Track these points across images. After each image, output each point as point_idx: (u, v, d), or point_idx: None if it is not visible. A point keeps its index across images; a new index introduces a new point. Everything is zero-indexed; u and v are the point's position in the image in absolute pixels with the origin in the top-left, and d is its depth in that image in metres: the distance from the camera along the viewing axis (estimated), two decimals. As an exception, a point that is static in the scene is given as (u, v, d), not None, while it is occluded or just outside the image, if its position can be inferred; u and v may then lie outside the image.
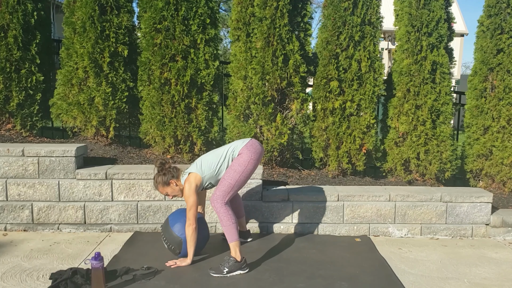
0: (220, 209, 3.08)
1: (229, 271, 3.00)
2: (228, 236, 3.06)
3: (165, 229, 3.27)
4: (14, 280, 2.90)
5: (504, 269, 3.29)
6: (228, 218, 3.06)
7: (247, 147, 3.18)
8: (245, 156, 3.15)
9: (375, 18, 4.44)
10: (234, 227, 3.06)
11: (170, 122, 4.36)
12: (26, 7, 4.44)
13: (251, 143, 3.22)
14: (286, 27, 4.28)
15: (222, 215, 3.07)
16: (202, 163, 3.19)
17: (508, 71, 4.47)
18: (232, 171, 3.13)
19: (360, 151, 4.47)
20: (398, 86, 4.53)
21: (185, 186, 3.11)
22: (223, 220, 3.06)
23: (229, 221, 3.05)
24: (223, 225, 3.06)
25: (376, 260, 3.38)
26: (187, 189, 3.09)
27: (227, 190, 3.11)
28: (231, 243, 3.06)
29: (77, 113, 4.48)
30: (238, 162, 3.15)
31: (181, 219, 3.23)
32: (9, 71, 4.42)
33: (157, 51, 4.32)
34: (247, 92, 4.40)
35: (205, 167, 3.17)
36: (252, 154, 3.16)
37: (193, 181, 3.11)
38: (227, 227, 3.05)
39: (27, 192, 3.85)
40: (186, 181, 3.13)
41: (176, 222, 3.24)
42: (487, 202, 3.97)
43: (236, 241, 3.06)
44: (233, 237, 3.05)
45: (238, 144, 3.23)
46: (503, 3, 4.46)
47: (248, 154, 3.15)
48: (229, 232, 3.05)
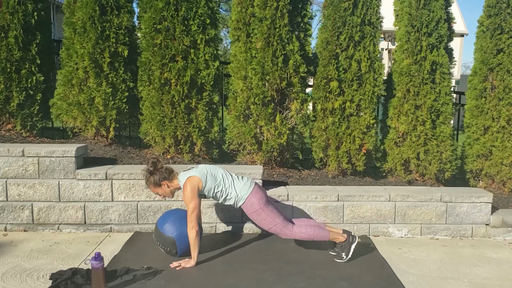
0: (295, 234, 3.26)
1: (347, 253, 3.25)
2: (322, 238, 3.27)
3: (156, 234, 3.29)
4: (14, 280, 2.90)
5: (504, 269, 3.30)
6: (307, 232, 3.25)
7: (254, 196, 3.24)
8: (255, 205, 3.23)
9: (375, 18, 4.44)
10: (318, 230, 3.25)
11: (170, 122, 4.37)
12: (27, 7, 4.44)
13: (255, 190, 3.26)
14: (286, 27, 4.28)
15: (300, 235, 3.25)
16: (208, 173, 3.20)
17: (508, 71, 4.47)
18: (263, 221, 3.25)
19: (360, 151, 4.47)
20: (398, 86, 4.53)
21: (186, 187, 3.10)
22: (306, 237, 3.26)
23: (310, 233, 3.25)
24: (312, 239, 3.25)
25: (376, 260, 3.38)
26: (189, 191, 3.08)
27: (279, 227, 3.24)
28: (328, 239, 3.28)
29: (77, 113, 4.48)
30: (256, 213, 3.24)
31: (168, 219, 3.26)
32: (10, 71, 4.43)
33: (157, 51, 4.33)
34: (247, 92, 4.41)
35: (209, 178, 3.19)
36: (260, 200, 3.24)
37: (196, 184, 3.11)
38: (314, 236, 3.25)
39: (27, 192, 3.85)
40: (188, 183, 3.11)
41: (164, 224, 3.25)
42: (487, 202, 3.98)
43: (329, 234, 3.27)
44: (325, 236, 3.27)
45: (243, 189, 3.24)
46: (503, 3, 4.46)
47: (256, 202, 3.23)
48: (319, 236, 3.26)
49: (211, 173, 3.21)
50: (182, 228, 3.18)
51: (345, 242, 3.27)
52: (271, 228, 3.26)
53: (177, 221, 3.23)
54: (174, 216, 3.28)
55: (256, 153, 4.53)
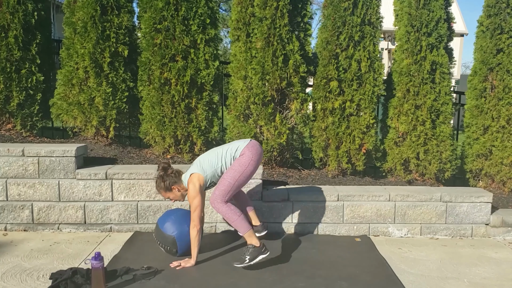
0: (221, 208, 3.08)
1: (251, 259, 3.02)
2: (240, 229, 3.07)
3: (157, 233, 3.29)
4: (14, 280, 2.90)
5: (504, 268, 3.30)
6: (233, 213, 3.05)
7: (249, 148, 3.18)
8: (246, 157, 3.15)
9: (375, 18, 4.45)
10: (242, 219, 3.06)
11: (170, 122, 4.37)
12: (27, 7, 4.44)
13: (252, 144, 3.22)
14: (286, 27, 4.28)
15: (225, 213, 3.07)
16: (203, 162, 3.19)
17: (507, 71, 4.48)
18: (232, 171, 3.13)
19: (359, 151, 4.47)
20: (398, 86, 4.53)
21: (189, 187, 3.10)
22: (229, 218, 3.06)
23: (234, 215, 3.05)
24: (231, 221, 3.06)
25: (376, 260, 3.38)
26: (192, 190, 3.08)
27: (226, 189, 3.10)
28: (244, 234, 3.06)
29: (77, 113, 4.48)
30: (239, 162, 3.15)
31: (169, 218, 3.26)
32: (10, 71, 4.43)
33: (157, 51, 4.33)
34: (247, 92, 4.41)
35: (206, 166, 3.17)
36: (253, 155, 3.17)
37: (197, 182, 3.10)
38: (235, 221, 3.05)
39: (27, 192, 3.85)
40: (189, 183, 3.11)
41: (165, 222, 3.26)
42: (487, 202, 3.98)
43: (249, 230, 3.06)
44: (244, 228, 3.06)
45: (240, 144, 3.23)
46: (502, 3, 4.46)
47: (249, 155, 3.16)
48: (239, 225, 3.05)
49: (206, 160, 3.19)
50: (183, 228, 3.18)
51: (256, 248, 3.04)
52: (225, 179, 3.10)
53: (178, 220, 3.24)
54: (175, 215, 3.28)
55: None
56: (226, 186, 3.10)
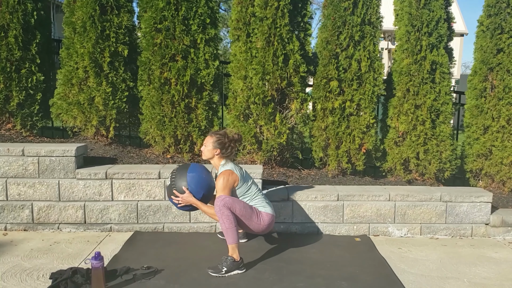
0: (223, 210, 3.10)
1: (227, 271, 3.02)
2: (229, 238, 3.08)
3: (181, 169, 3.28)
4: (14, 280, 2.90)
5: (503, 268, 3.30)
6: (229, 221, 3.09)
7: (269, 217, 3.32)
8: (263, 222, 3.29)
9: (375, 18, 4.44)
10: (235, 229, 3.10)
11: (170, 121, 4.37)
12: (26, 7, 4.44)
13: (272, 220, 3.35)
14: (287, 27, 4.28)
15: (224, 216, 3.08)
16: (244, 182, 3.28)
17: (508, 71, 4.48)
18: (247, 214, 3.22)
19: (359, 150, 4.47)
20: (398, 86, 4.53)
21: (223, 177, 3.17)
22: (224, 222, 3.08)
23: (230, 224, 3.09)
24: (225, 227, 3.08)
25: (376, 259, 3.38)
26: (224, 181, 3.16)
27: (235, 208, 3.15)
28: (231, 244, 3.07)
29: (77, 112, 4.48)
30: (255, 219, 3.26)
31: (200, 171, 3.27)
32: (10, 71, 4.43)
33: (157, 50, 4.33)
34: (247, 92, 4.41)
35: (242, 187, 3.27)
36: (267, 226, 3.32)
37: (232, 181, 3.20)
38: (228, 229, 3.07)
39: (27, 192, 3.85)
40: (226, 174, 3.18)
41: (193, 172, 3.25)
42: (487, 201, 3.98)
43: (236, 243, 3.08)
44: (234, 239, 3.08)
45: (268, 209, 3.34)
46: (503, 3, 4.46)
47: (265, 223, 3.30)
48: (230, 234, 3.08)
49: (247, 183, 3.30)
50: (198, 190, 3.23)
51: (235, 262, 3.06)
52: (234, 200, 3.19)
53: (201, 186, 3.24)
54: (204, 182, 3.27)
55: (256, 153, 4.53)
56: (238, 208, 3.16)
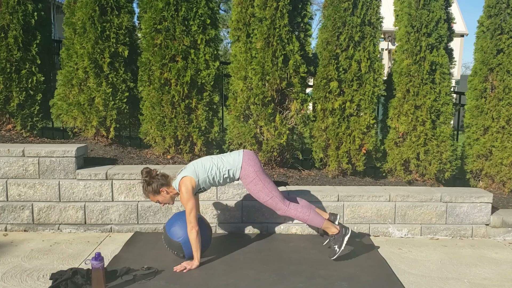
0: (290, 212, 3.12)
1: (340, 245, 3.12)
2: (315, 223, 3.14)
3: (164, 237, 3.27)
4: (15, 280, 2.90)
5: (504, 269, 3.30)
6: (303, 213, 3.09)
7: (247, 163, 3.20)
8: (251, 173, 3.19)
9: (375, 19, 4.45)
10: (313, 215, 3.11)
11: (170, 122, 4.37)
12: (27, 7, 4.44)
13: (248, 157, 3.22)
14: (286, 28, 4.28)
15: (295, 214, 3.10)
16: (197, 166, 3.18)
17: (508, 71, 4.48)
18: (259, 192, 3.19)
19: (359, 151, 4.47)
20: (398, 87, 4.53)
21: (181, 190, 3.09)
22: (301, 218, 3.10)
23: (305, 215, 3.09)
24: (305, 220, 3.11)
25: (376, 260, 3.38)
26: (184, 192, 3.07)
27: (275, 200, 3.12)
28: (322, 226, 3.15)
29: (77, 113, 4.48)
30: (252, 183, 3.19)
31: (176, 223, 3.22)
32: (10, 71, 4.43)
33: (157, 51, 4.33)
34: (247, 92, 4.41)
35: (199, 170, 3.17)
36: (254, 167, 3.21)
37: (189, 184, 3.10)
38: (308, 219, 3.10)
39: (27, 193, 3.85)
40: (182, 185, 3.10)
41: (171, 228, 3.22)
42: (487, 202, 3.98)
43: (324, 221, 3.14)
44: (319, 221, 3.13)
45: (236, 160, 3.22)
46: (503, 3, 4.46)
47: (251, 169, 3.19)
48: (314, 220, 3.12)
49: (199, 165, 3.19)
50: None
51: (338, 234, 3.14)
52: (267, 200, 3.17)
53: (184, 225, 3.17)
54: (181, 220, 3.22)
55: (256, 153, 4.53)
56: (273, 201, 3.13)
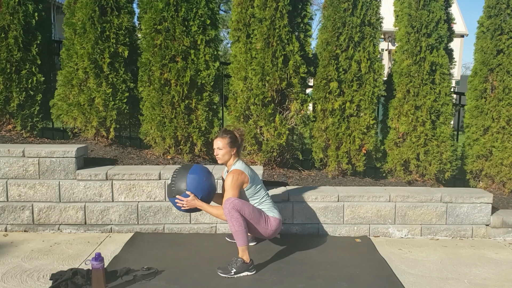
0: (232, 213, 3.10)
1: (236, 272, 3.02)
2: (238, 240, 3.09)
3: (182, 170, 3.20)
4: (15, 281, 2.90)
5: (504, 269, 3.30)
6: (239, 224, 3.09)
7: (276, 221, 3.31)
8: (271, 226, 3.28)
9: (375, 19, 4.45)
10: (244, 232, 3.10)
11: (170, 122, 4.37)
12: (27, 8, 4.44)
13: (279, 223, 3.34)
14: (286, 28, 4.28)
15: (233, 219, 3.09)
16: (252, 184, 3.26)
17: (508, 72, 4.48)
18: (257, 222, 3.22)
19: (359, 151, 4.47)
20: (398, 87, 4.53)
21: (233, 175, 3.15)
22: (234, 225, 3.09)
23: (240, 226, 3.09)
24: (234, 229, 3.09)
25: (376, 260, 3.38)
26: (234, 180, 3.14)
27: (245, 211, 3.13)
28: (241, 246, 3.08)
29: (78, 113, 4.48)
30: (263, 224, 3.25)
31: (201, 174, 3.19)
32: (10, 72, 4.43)
33: (157, 52, 4.33)
34: (247, 93, 4.41)
35: (251, 189, 3.26)
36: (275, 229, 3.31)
37: (242, 180, 3.18)
38: (238, 231, 3.08)
39: (27, 193, 3.86)
40: (238, 173, 3.17)
41: (194, 174, 3.17)
42: (487, 202, 3.98)
43: (246, 245, 3.09)
44: (244, 241, 3.09)
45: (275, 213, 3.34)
46: (503, 4, 4.46)
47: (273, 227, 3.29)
48: (240, 236, 3.09)
49: (254, 181, 3.29)
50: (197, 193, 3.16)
51: (245, 264, 3.07)
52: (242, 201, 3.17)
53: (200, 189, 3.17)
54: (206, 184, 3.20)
55: (256, 154, 4.53)
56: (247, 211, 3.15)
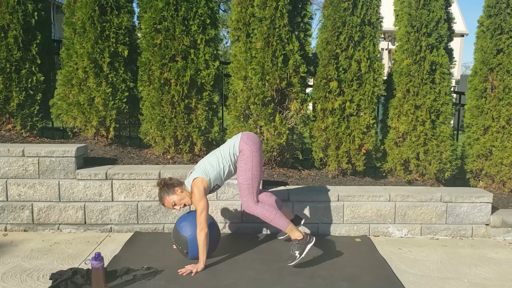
0: (256, 210, 3.10)
1: (300, 252, 3.05)
2: (280, 225, 3.09)
3: (174, 231, 3.29)
4: (14, 280, 2.90)
5: (504, 269, 3.30)
6: (268, 213, 3.06)
7: (244, 141, 3.19)
8: (247, 151, 3.16)
9: (375, 18, 4.45)
10: (279, 216, 3.08)
11: (170, 122, 4.37)
12: (27, 7, 4.44)
13: (247, 136, 3.23)
14: (286, 28, 4.28)
15: (261, 213, 3.08)
16: (205, 166, 3.19)
17: (507, 71, 4.48)
18: (243, 172, 3.15)
19: (359, 151, 4.47)
20: (398, 87, 4.53)
21: (193, 191, 3.09)
22: (266, 217, 3.07)
23: (271, 214, 3.06)
24: (269, 221, 3.07)
25: (376, 260, 3.38)
26: (197, 193, 3.07)
27: (249, 190, 3.12)
28: (285, 229, 3.09)
29: (77, 113, 4.48)
30: (243, 160, 3.16)
31: (187, 219, 3.24)
32: (9, 71, 4.43)
33: (157, 51, 4.33)
34: (247, 92, 4.41)
35: (209, 169, 3.17)
36: (252, 147, 3.17)
37: (201, 185, 3.09)
38: (273, 219, 3.06)
39: (27, 192, 3.85)
40: (194, 186, 3.10)
41: (181, 222, 3.25)
42: (487, 202, 3.98)
43: (288, 225, 3.10)
44: (284, 224, 3.09)
45: (235, 140, 3.24)
46: (503, 3, 4.46)
47: (248, 148, 3.17)
48: (278, 222, 3.08)
49: (207, 163, 3.20)
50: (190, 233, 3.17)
51: (302, 240, 3.07)
52: (243, 183, 3.12)
53: (195, 222, 3.16)
54: (194, 217, 3.22)
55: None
56: (246, 188, 3.11)
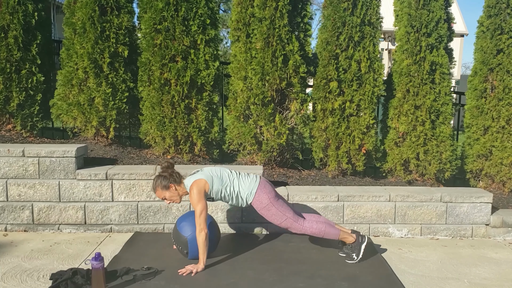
0: (304, 228, 3.22)
1: (358, 253, 3.23)
2: (332, 236, 3.25)
3: (174, 231, 3.29)
4: (15, 281, 2.90)
5: (504, 269, 3.30)
6: (318, 228, 3.21)
7: (262, 190, 3.22)
8: (264, 200, 3.21)
9: (375, 19, 4.45)
10: (328, 228, 3.22)
11: (170, 122, 4.37)
12: (27, 7, 4.44)
13: (263, 185, 3.25)
14: (286, 28, 4.28)
15: (311, 230, 3.22)
16: (214, 176, 3.17)
17: (507, 71, 4.48)
18: (273, 216, 3.24)
19: (359, 151, 4.47)
20: (398, 87, 4.53)
21: (193, 190, 3.06)
22: (317, 233, 3.22)
23: (321, 229, 3.20)
24: (321, 234, 3.22)
25: (376, 260, 3.38)
26: (196, 193, 3.05)
27: (289, 221, 3.22)
28: (339, 238, 3.27)
29: (77, 113, 4.48)
30: (264, 208, 3.22)
31: (187, 219, 3.24)
32: (9, 71, 4.43)
33: (157, 51, 4.33)
34: (247, 92, 4.41)
35: (215, 180, 3.16)
36: (268, 194, 3.23)
37: (202, 187, 3.09)
38: (325, 232, 3.21)
39: (27, 193, 3.85)
40: (194, 185, 3.07)
41: (181, 222, 3.25)
42: (487, 202, 3.98)
43: (339, 232, 3.26)
44: (335, 234, 3.26)
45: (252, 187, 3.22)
46: (503, 3, 4.46)
47: (265, 197, 3.21)
48: (330, 234, 3.24)
49: (217, 174, 3.20)
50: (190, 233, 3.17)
51: (355, 243, 3.26)
52: (281, 222, 3.26)
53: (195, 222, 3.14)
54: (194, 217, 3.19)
55: (256, 153, 4.53)
56: (287, 222, 3.23)
